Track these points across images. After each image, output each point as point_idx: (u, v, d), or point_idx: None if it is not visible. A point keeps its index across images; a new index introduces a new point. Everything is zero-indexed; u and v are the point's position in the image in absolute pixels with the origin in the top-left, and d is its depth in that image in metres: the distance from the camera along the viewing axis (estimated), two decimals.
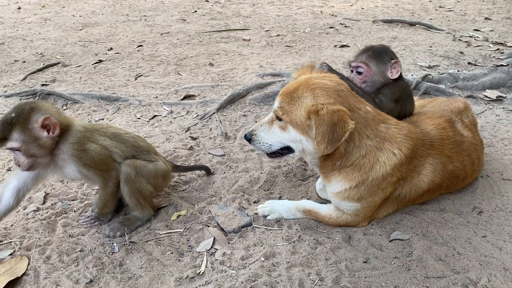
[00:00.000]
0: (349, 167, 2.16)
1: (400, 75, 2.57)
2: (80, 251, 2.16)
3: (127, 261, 2.10)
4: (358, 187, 2.18)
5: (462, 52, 5.27)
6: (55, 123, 2.04)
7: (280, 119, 2.15)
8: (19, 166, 2.05)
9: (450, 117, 2.52)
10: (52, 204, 2.51)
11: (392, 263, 2.06)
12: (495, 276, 1.97)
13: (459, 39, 5.81)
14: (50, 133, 2.04)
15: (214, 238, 2.22)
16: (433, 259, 2.07)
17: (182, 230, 2.30)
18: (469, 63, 4.92)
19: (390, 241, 2.20)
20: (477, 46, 5.57)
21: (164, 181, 2.46)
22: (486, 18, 7.08)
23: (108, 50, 5.57)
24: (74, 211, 2.44)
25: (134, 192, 2.26)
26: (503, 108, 3.76)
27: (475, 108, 3.72)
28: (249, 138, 2.26)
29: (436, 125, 2.41)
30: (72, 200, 2.55)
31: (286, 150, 2.24)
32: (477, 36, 5.99)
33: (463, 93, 4.05)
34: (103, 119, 3.58)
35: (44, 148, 2.05)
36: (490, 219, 2.36)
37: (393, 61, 2.50)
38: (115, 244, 2.19)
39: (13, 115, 1.98)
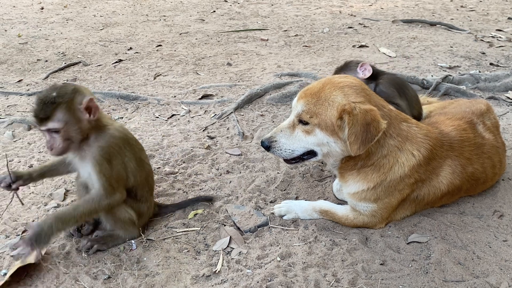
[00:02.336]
0: (369, 167, 2.14)
1: (380, 72, 2.78)
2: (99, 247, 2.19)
3: (145, 258, 2.12)
4: (375, 188, 2.16)
5: (484, 53, 5.17)
6: (96, 106, 1.97)
7: (304, 123, 2.09)
8: (51, 150, 1.94)
9: (471, 118, 2.47)
10: (72, 201, 2.55)
11: (410, 266, 2.04)
12: None
13: (481, 40, 5.71)
14: (91, 115, 1.96)
15: (230, 237, 2.23)
16: (451, 262, 2.04)
17: (199, 228, 2.31)
18: (491, 64, 4.83)
19: (407, 243, 2.18)
20: (500, 46, 5.46)
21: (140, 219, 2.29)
22: (509, 18, 6.93)
23: (128, 49, 5.64)
24: None
25: (118, 220, 2.19)
26: None
27: (497, 110, 3.65)
28: (268, 145, 2.18)
29: (456, 127, 2.37)
30: None
31: (308, 154, 2.19)
32: (500, 37, 5.87)
33: (484, 95, 3.98)
34: (122, 117, 3.63)
35: (81, 133, 1.96)
36: (511, 223, 2.31)
37: (359, 64, 2.69)
38: (133, 242, 2.22)
39: (54, 94, 1.87)
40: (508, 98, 3.88)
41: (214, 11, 7.91)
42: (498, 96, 3.91)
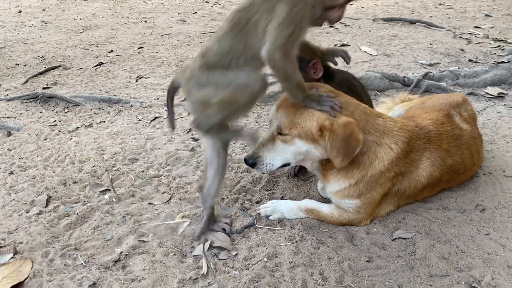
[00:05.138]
0: (350, 165, 2.16)
1: (335, 72, 2.56)
2: (84, 253, 2.16)
3: (130, 263, 2.10)
4: (357, 184, 2.19)
5: (462, 50, 5.25)
6: None
7: (284, 134, 2.12)
8: None
9: (448, 111, 2.52)
10: (54, 207, 2.51)
11: (396, 262, 2.06)
12: (499, 274, 1.96)
13: (460, 37, 5.80)
14: None
15: (216, 239, 2.21)
16: (436, 257, 2.06)
17: (185, 231, 2.30)
18: (470, 60, 4.91)
19: (393, 240, 2.20)
20: (478, 43, 5.55)
21: None
22: (486, 15, 7.06)
23: (109, 52, 5.58)
24: (77, 213, 2.44)
25: None
26: (504, 105, 3.75)
27: (476, 105, 3.71)
28: (253, 162, 2.17)
29: (434, 120, 2.42)
30: (75, 203, 2.55)
31: (283, 165, 2.23)
32: (478, 33, 5.97)
33: (464, 91, 4.04)
34: (104, 121, 3.59)
35: None
36: (493, 216, 2.35)
37: (310, 64, 2.39)
38: (117, 249, 2.19)
39: None
40: (487, 93, 3.94)
41: (196, 12, 7.88)
42: (477, 92, 3.98)
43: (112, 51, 5.62)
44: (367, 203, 2.24)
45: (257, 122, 3.49)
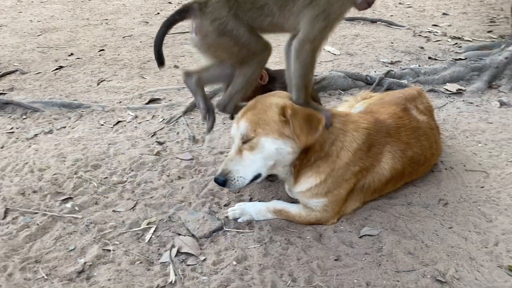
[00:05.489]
0: (321, 160, 2.21)
1: (277, 74, 2.64)
2: (45, 265, 2.07)
3: (95, 274, 2.03)
4: (326, 180, 2.21)
5: (422, 47, 5.39)
6: None
7: (248, 141, 2.09)
8: None
9: (405, 104, 2.60)
10: (13, 219, 2.40)
11: (363, 259, 2.08)
12: (462, 266, 2.02)
13: (419, 35, 5.96)
14: None
15: (184, 244, 2.18)
16: (402, 253, 2.10)
17: (151, 238, 2.25)
18: (429, 57, 5.05)
19: (360, 237, 2.22)
20: (437, 41, 5.72)
21: None
22: (444, 14, 7.29)
23: (69, 55, 5.40)
24: (37, 224, 2.35)
25: None
26: (463, 100, 3.87)
27: (436, 102, 3.82)
28: (224, 179, 2.09)
29: (392, 114, 2.49)
30: (35, 213, 2.45)
31: (254, 179, 2.16)
32: (436, 31, 6.15)
33: (424, 88, 4.14)
34: (65, 127, 3.47)
35: None
36: (455, 210, 2.42)
37: None
38: (79, 259, 2.12)
39: None
40: (447, 90, 4.06)
41: (158, 13, 7.75)
42: (437, 89, 4.09)
43: (72, 54, 5.45)
44: (334, 201, 2.26)
45: (224, 123, 3.46)
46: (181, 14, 2.06)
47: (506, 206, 2.43)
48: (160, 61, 2.17)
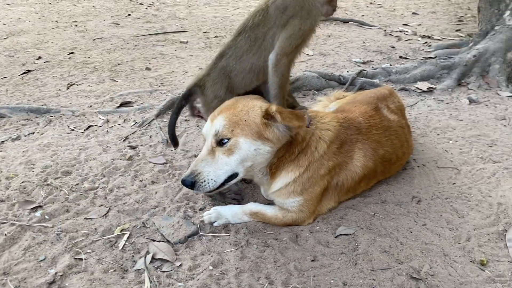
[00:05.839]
0: (302, 153, 2.23)
1: None
2: (14, 277, 2.00)
3: (67, 284, 1.97)
4: (304, 173, 2.23)
5: (393, 47, 5.48)
6: None
7: (224, 143, 2.05)
8: None
9: (376, 104, 2.64)
10: None
11: (339, 259, 2.09)
12: (436, 263, 2.05)
13: (390, 34, 6.05)
14: None
15: (159, 250, 2.14)
16: (378, 251, 2.12)
17: (125, 245, 2.20)
18: (400, 57, 5.13)
19: (336, 237, 2.23)
20: (407, 40, 5.82)
21: None
22: (413, 13, 7.43)
23: (37, 59, 5.26)
24: (5, 235, 2.26)
25: None
26: (433, 98, 3.95)
27: (408, 100, 3.88)
28: (192, 181, 2.04)
29: (363, 113, 2.53)
30: (2, 223, 2.35)
31: (228, 178, 2.13)
32: (406, 31, 6.26)
33: (396, 86, 4.21)
34: (33, 133, 3.36)
35: None
36: (428, 207, 2.45)
37: None
38: (52, 269, 2.05)
39: None
40: (418, 88, 4.13)
41: (129, 15, 7.64)
42: (408, 87, 4.16)
43: (40, 57, 5.31)
44: (309, 199, 2.27)
45: (198, 126, 3.43)
46: (186, 99, 2.44)
47: (477, 201, 2.49)
48: (175, 142, 2.56)
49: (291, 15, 2.22)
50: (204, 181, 2.04)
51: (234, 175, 2.13)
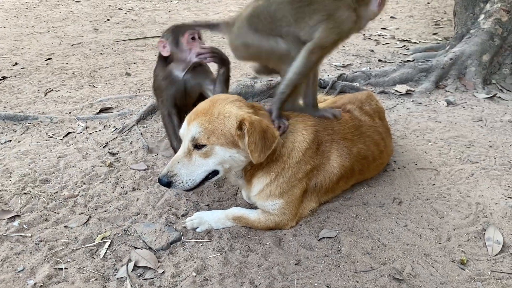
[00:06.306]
0: (273, 162, 2.23)
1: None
2: None
3: None
4: (277, 178, 2.24)
5: (372, 50, 5.55)
6: None
7: (201, 147, 2.06)
8: None
9: (346, 107, 2.70)
10: None
11: (323, 262, 2.09)
12: (418, 263, 2.07)
13: (369, 38, 6.13)
14: None
15: (141, 258, 2.11)
16: (360, 253, 2.13)
17: (107, 253, 2.16)
18: (379, 60, 5.20)
19: (319, 240, 2.24)
20: (385, 44, 5.91)
21: None
22: (391, 17, 7.55)
23: (13, 65, 5.15)
24: None
25: None
26: (412, 101, 4.01)
27: (388, 103, 3.93)
28: (167, 181, 2.06)
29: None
30: None
31: (210, 175, 2.15)
32: (385, 35, 6.36)
33: (376, 89, 4.26)
34: (10, 141, 3.29)
35: None
36: (409, 208, 2.48)
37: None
38: (31, 280, 2.00)
39: None
40: (397, 91, 4.19)
41: (108, 20, 7.57)
42: (387, 90, 4.21)
43: (16, 63, 5.20)
44: (290, 202, 2.27)
45: None
46: (211, 27, 2.52)
47: (456, 202, 2.53)
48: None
49: (340, 5, 2.22)
50: (182, 181, 2.08)
51: (215, 172, 2.15)
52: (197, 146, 2.07)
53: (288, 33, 2.28)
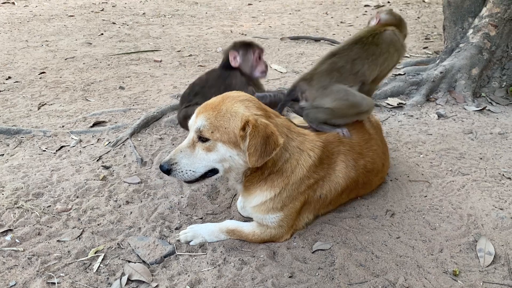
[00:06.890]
0: (275, 174, 2.19)
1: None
2: None
3: None
4: (281, 193, 2.21)
5: None
6: None
7: (205, 140, 2.06)
8: None
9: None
10: None
11: (317, 274, 2.10)
12: (411, 275, 2.08)
13: None
14: None
15: (135, 271, 2.10)
16: (354, 265, 2.14)
17: (100, 267, 2.15)
18: None
19: (313, 252, 2.25)
20: None
21: None
22: None
23: (6, 79, 5.15)
24: None
25: None
26: (404, 114, 4.06)
27: (379, 116, 3.97)
28: (168, 168, 2.08)
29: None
30: None
31: (210, 172, 2.16)
32: None
33: None
34: (3, 154, 3.28)
35: None
36: (402, 220, 2.50)
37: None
38: None
39: None
40: (388, 104, 4.24)
41: (102, 34, 7.60)
42: (379, 103, 4.26)
43: (9, 77, 5.20)
44: (288, 215, 2.27)
45: (173, 144, 3.41)
46: (290, 94, 2.59)
47: (448, 213, 2.55)
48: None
49: (395, 49, 2.72)
50: (182, 171, 2.09)
51: (215, 170, 2.15)
52: (201, 138, 2.07)
53: (363, 73, 2.64)
